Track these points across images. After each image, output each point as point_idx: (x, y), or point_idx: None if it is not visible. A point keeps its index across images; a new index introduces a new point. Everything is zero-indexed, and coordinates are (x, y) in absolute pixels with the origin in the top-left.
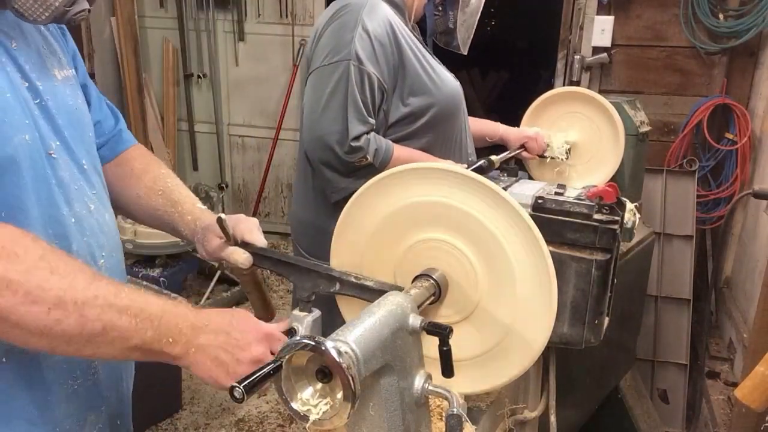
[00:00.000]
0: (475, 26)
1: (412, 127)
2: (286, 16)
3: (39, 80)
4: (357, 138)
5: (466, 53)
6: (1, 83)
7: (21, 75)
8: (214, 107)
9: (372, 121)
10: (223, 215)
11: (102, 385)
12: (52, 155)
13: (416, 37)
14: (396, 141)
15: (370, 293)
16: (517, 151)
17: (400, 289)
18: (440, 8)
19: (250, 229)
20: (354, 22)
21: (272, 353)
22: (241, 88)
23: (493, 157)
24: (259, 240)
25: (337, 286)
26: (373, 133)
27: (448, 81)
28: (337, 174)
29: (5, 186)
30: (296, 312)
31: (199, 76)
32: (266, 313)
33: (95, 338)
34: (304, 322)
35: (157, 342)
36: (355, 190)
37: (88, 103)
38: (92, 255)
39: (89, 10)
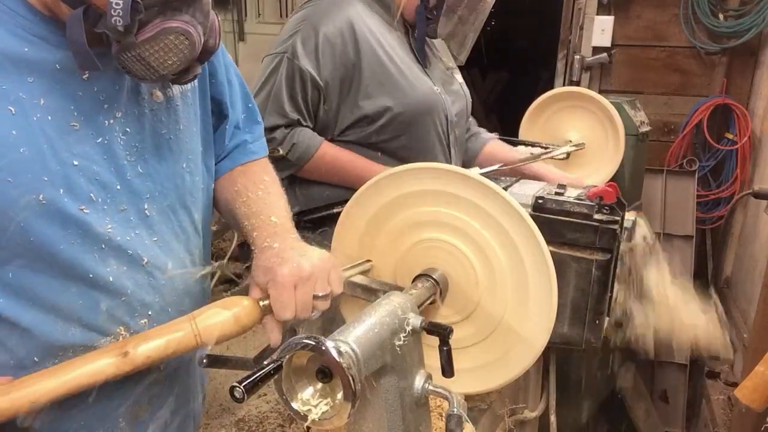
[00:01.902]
0: (473, 37)
1: (369, 129)
2: (286, 16)
3: (116, 111)
4: (270, 130)
5: (463, 63)
6: (18, 137)
7: (78, 113)
8: None
9: (294, 116)
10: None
11: None
12: (84, 210)
13: (402, 38)
14: (357, 143)
15: (371, 293)
16: (498, 166)
17: (400, 289)
18: (434, 13)
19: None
20: (307, 17)
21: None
22: None
23: (475, 171)
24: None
25: None
26: (298, 128)
27: (417, 85)
28: None
29: (11, 248)
30: None
31: None
32: None
33: None
34: (304, 322)
35: None
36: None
37: (224, 114)
38: (131, 314)
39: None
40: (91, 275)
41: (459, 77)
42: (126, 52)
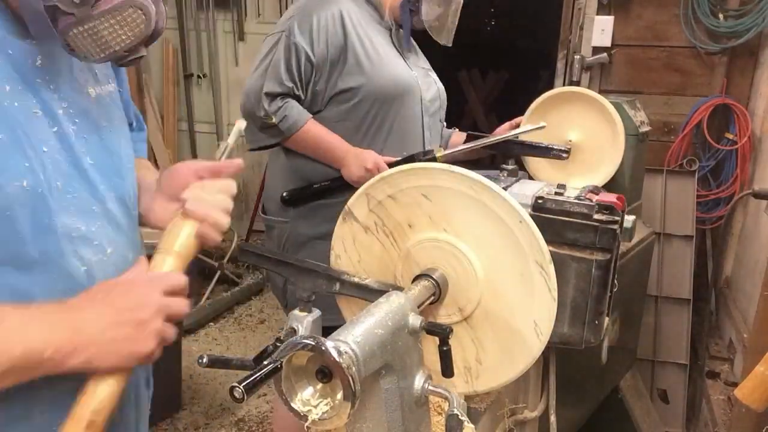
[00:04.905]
0: (455, 18)
1: (347, 105)
2: None
3: (63, 101)
4: (268, 95)
5: (450, 44)
6: None
7: (37, 100)
8: (214, 107)
9: (289, 84)
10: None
11: None
12: (55, 198)
13: (386, 34)
14: (341, 120)
15: (371, 293)
16: (470, 145)
17: (400, 289)
18: (416, 5)
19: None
20: (304, 6)
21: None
22: (241, 88)
23: (438, 154)
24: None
25: (338, 286)
26: (292, 101)
27: (393, 68)
28: (252, 124)
29: (3, 243)
30: (296, 312)
31: (199, 76)
32: None
33: None
34: (304, 322)
35: (29, 356)
36: (268, 145)
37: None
38: None
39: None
40: (72, 262)
41: (434, 76)
42: (78, 26)
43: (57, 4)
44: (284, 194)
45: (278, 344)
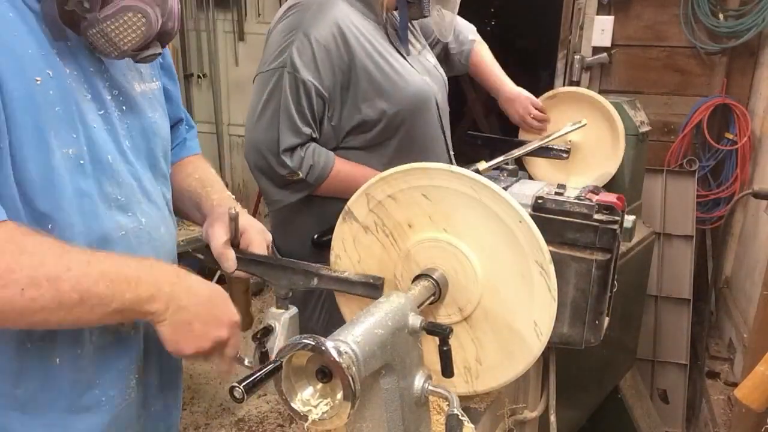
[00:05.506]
0: (455, 11)
1: (370, 134)
2: None
3: (112, 89)
4: (288, 150)
5: (448, 40)
6: (53, 96)
7: (87, 85)
8: (214, 107)
9: (307, 131)
10: (235, 211)
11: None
12: (96, 170)
13: (388, 29)
14: (359, 148)
15: (350, 285)
16: (509, 156)
17: (379, 280)
18: None
19: (257, 243)
20: (297, 25)
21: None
22: (241, 88)
23: (480, 166)
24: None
25: (315, 281)
26: (312, 146)
27: (411, 81)
28: (271, 184)
29: (48, 199)
30: (273, 309)
31: (199, 76)
32: (245, 319)
33: (74, 309)
34: (281, 319)
35: (137, 302)
36: (290, 203)
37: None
38: None
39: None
40: (109, 226)
41: (432, 58)
42: (92, 27)
43: (74, 9)
44: (314, 237)
45: (253, 341)
